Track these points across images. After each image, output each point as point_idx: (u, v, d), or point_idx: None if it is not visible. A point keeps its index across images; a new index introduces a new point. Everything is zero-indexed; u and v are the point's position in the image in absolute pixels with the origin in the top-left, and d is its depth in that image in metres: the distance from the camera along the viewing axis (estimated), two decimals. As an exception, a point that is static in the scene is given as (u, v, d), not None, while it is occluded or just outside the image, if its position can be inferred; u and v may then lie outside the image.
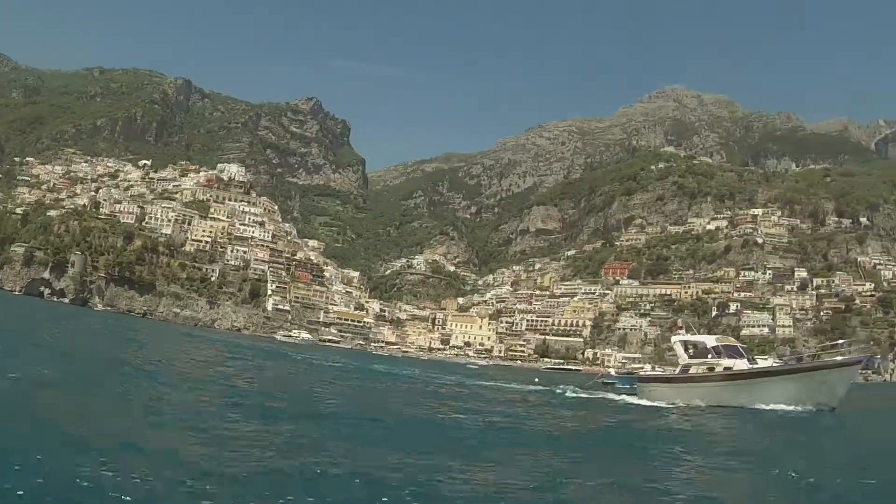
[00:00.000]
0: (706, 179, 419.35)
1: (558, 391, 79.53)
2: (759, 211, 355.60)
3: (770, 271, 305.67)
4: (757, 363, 69.05)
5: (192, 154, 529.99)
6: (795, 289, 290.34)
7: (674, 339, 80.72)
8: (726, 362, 65.68)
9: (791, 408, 58.73)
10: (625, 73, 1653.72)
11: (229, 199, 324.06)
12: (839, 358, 64.28)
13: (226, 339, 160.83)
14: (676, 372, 72.95)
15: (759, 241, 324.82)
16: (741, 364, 65.20)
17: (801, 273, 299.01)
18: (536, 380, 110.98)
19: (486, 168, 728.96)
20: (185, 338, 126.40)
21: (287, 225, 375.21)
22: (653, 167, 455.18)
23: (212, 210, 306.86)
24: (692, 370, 69.07)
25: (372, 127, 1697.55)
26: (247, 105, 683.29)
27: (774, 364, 71.21)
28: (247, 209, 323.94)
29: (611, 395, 77.72)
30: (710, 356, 68.13)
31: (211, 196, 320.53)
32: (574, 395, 76.33)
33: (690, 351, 72.55)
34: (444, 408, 49.23)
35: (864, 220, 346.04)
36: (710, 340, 73.78)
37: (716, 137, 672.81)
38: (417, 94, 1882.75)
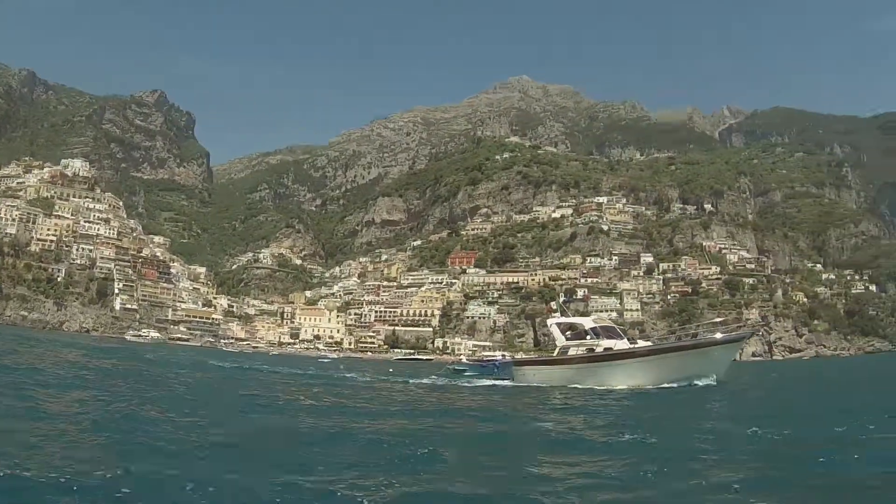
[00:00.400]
0: (551, 169, 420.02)
1: (411, 380, 75.46)
2: (603, 199, 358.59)
3: (616, 257, 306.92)
4: (637, 343, 67.07)
5: (36, 149, 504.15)
6: (642, 273, 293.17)
7: (549, 321, 78.75)
8: (606, 343, 63.16)
9: (679, 384, 56.78)
10: (471, 64, 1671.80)
11: (73, 196, 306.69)
12: (719, 335, 63.51)
13: (74, 341, 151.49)
14: (555, 354, 69.94)
15: (605, 228, 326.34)
16: (622, 344, 62.82)
17: (647, 258, 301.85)
18: (391, 370, 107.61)
19: (331, 160, 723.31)
20: (30, 342, 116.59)
21: (132, 221, 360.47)
22: (497, 157, 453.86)
23: (56, 208, 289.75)
24: (571, 352, 66.09)
25: (216, 119, 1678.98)
26: (91, 98, 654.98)
27: (655, 344, 70.15)
28: (91, 206, 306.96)
29: (485, 382, 74.12)
30: (588, 337, 65.46)
31: (55, 193, 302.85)
32: (428, 381, 72.59)
33: (568, 333, 69.72)
34: (298, 402, 44.09)
35: (708, 206, 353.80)
36: (588, 322, 71.50)
37: (560, 127, 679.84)
38: (261, 85, 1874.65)
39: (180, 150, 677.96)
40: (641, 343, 68.66)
